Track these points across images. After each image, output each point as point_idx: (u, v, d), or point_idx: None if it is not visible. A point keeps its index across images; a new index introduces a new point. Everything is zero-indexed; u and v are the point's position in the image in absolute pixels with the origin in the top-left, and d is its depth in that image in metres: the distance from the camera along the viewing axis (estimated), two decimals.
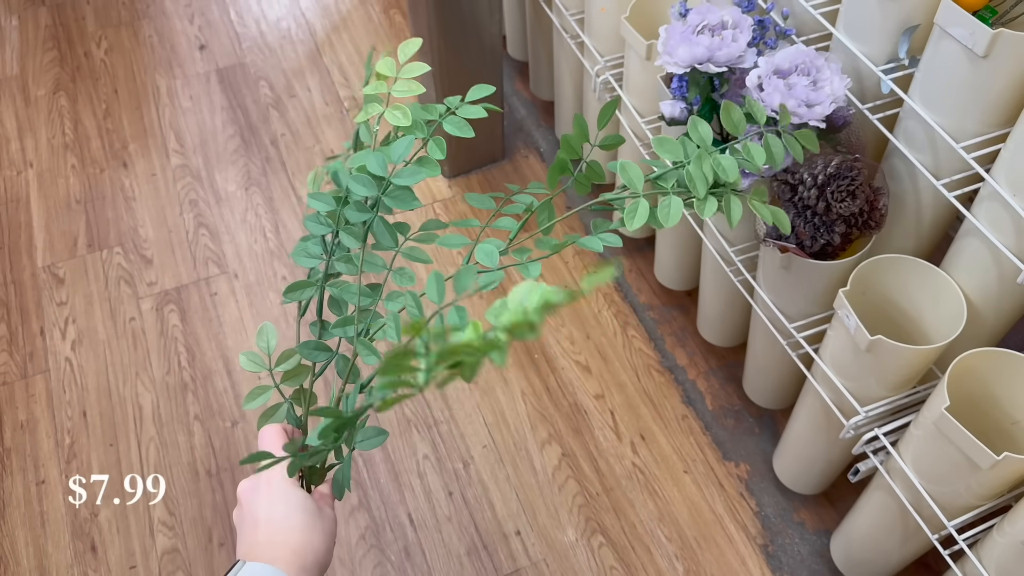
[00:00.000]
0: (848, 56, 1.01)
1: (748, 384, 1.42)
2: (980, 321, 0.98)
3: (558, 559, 1.31)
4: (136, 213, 1.77)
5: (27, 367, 1.53)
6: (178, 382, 1.51)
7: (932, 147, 0.94)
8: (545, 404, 1.47)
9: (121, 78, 2.05)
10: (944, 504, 0.96)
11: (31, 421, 1.46)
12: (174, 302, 1.62)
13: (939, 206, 1.00)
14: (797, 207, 0.99)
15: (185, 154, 1.88)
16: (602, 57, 1.40)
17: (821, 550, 1.30)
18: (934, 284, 0.99)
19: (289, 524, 0.63)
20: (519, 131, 1.92)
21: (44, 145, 1.90)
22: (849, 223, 0.97)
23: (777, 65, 0.95)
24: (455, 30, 1.58)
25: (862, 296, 1.02)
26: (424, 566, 1.30)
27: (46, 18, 2.21)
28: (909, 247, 1.06)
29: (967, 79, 0.86)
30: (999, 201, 0.87)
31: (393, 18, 2.19)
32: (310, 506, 0.65)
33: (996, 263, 0.92)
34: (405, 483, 1.39)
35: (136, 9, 2.24)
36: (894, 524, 1.08)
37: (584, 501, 1.36)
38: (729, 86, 1.04)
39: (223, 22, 2.20)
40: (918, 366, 0.98)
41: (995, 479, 0.89)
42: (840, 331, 1.00)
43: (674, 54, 0.99)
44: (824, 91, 0.93)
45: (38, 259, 1.69)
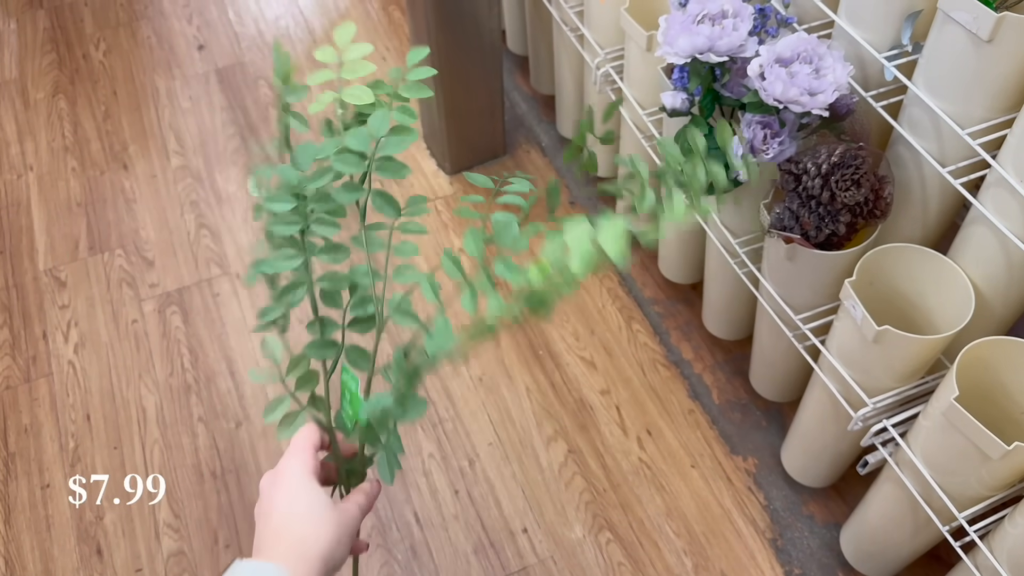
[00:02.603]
0: (851, 43, 1.00)
1: (755, 377, 1.41)
2: (988, 310, 0.97)
3: (565, 556, 1.30)
4: (137, 215, 1.77)
5: (30, 371, 1.53)
6: (181, 384, 1.50)
7: (937, 134, 0.93)
8: (550, 400, 1.47)
9: (120, 80, 2.05)
10: (954, 495, 0.95)
11: (35, 425, 1.46)
12: (176, 303, 1.62)
13: (945, 194, 0.99)
14: (801, 197, 0.97)
15: (185, 155, 1.88)
16: (602, 49, 1.39)
17: (831, 543, 1.29)
18: (941, 273, 0.98)
19: (297, 515, 0.62)
20: (520, 126, 1.90)
21: (44, 148, 1.90)
22: (854, 212, 0.96)
23: (779, 54, 0.93)
24: (454, 26, 1.57)
25: (869, 286, 1.01)
26: (431, 565, 1.30)
27: (44, 21, 2.21)
28: (915, 236, 1.05)
29: (972, 64, 0.85)
30: (1006, 187, 0.86)
31: (392, 14, 2.18)
32: (322, 499, 0.64)
33: (1004, 251, 0.91)
34: (411, 482, 1.38)
35: (134, 10, 2.23)
36: (904, 516, 1.07)
37: (591, 497, 1.35)
38: (731, 76, 1.03)
39: (221, 22, 2.19)
40: (926, 356, 0.97)
41: (1006, 469, 0.88)
42: (847, 322, 0.99)
43: (674, 44, 0.98)
44: (827, 79, 0.92)
45: (39, 263, 1.69)
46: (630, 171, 0.65)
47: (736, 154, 1.00)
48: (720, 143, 0.80)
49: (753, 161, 0.97)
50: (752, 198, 1.13)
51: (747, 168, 0.81)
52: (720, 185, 0.67)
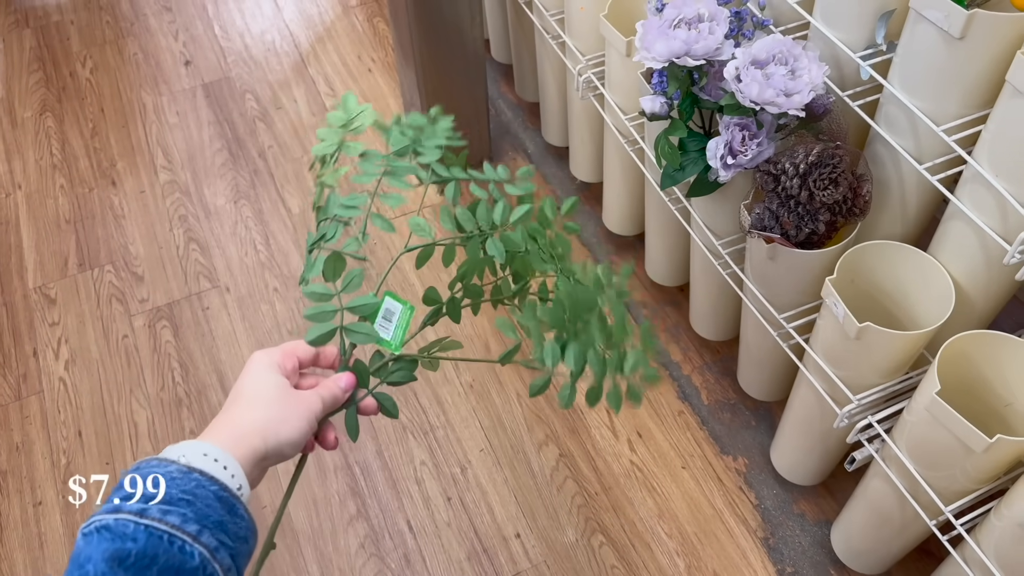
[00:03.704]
0: (826, 44, 1.01)
1: (743, 377, 1.42)
2: (969, 305, 0.98)
3: (559, 560, 1.30)
4: (126, 230, 1.77)
5: (21, 389, 1.53)
6: (173, 398, 1.51)
7: (913, 131, 0.94)
8: (541, 405, 1.47)
9: (107, 97, 2.05)
10: (940, 489, 0.95)
11: (26, 443, 1.46)
12: (166, 318, 1.62)
13: (923, 190, 1.00)
14: (780, 197, 0.98)
15: (173, 170, 1.88)
16: (583, 56, 1.40)
17: (822, 541, 1.29)
18: (921, 269, 0.99)
19: (241, 394, 0.62)
20: (506, 134, 1.91)
21: (32, 166, 1.90)
22: (833, 211, 0.97)
23: (754, 56, 0.94)
24: (437, 36, 1.58)
25: (850, 284, 1.02)
26: (424, 573, 1.30)
27: (31, 40, 2.21)
28: (895, 233, 1.06)
29: (945, 62, 0.86)
30: (982, 183, 0.86)
31: (377, 26, 2.20)
32: (272, 381, 0.63)
33: (982, 245, 0.91)
34: (403, 490, 1.38)
35: (120, 27, 2.24)
36: (892, 512, 1.07)
37: (583, 501, 1.36)
38: (708, 79, 1.04)
39: (207, 37, 2.20)
40: (908, 352, 0.97)
41: (990, 462, 0.89)
42: (829, 320, 0.99)
43: (651, 49, 0.99)
44: (802, 79, 0.93)
45: (29, 280, 1.69)
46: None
47: (714, 156, 1.01)
48: None
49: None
50: (732, 199, 1.13)
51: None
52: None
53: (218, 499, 0.54)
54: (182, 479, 0.53)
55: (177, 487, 0.53)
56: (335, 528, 1.35)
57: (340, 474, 1.40)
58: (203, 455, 0.56)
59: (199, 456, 0.56)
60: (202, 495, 0.53)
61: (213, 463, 0.56)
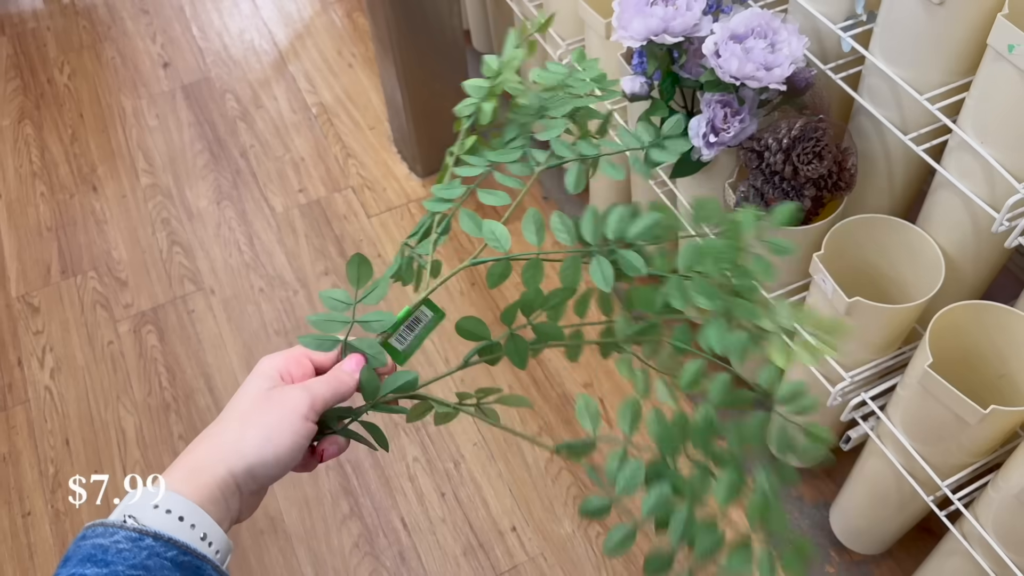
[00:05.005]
0: (806, 16, 0.99)
1: None
2: (960, 275, 0.96)
3: (556, 552, 1.28)
4: (108, 236, 1.75)
5: (6, 399, 1.51)
6: (160, 403, 1.49)
7: (897, 102, 0.93)
8: (533, 396, 1.45)
9: (86, 102, 2.03)
10: (936, 464, 0.94)
11: (13, 453, 1.44)
12: (151, 323, 1.60)
13: (909, 161, 0.98)
14: (765, 174, 0.97)
15: (155, 173, 1.86)
16: (563, 41, 1.38)
17: (821, 522, 1.28)
18: (910, 241, 0.98)
19: (221, 415, 0.53)
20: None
21: (12, 175, 1.88)
22: (818, 185, 0.96)
23: (733, 30, 0.93)
24: (416, 28, 1.56)
25: (839, 260, 1.00)
26: (420, 570, 1.28)
27: (7, 47, 2.19)
28: (883, 206, 1.04)
29: (926, 29, 0.85)
30: (968, 151, 0.85)
31: (356, 21, 2.17)
32: (257, 391, 0.54)
33: (970, 214, 0.90)
34: (396, 487, 1.37)
35: (97, 32, 2.21)
36: (889, 489, 1.06)
37: (579, 492, 1.34)
38: (688, 56, 1.02)
39: (185, 38, 2.18)
40: (899, 326, 0.96)
41: (985, 434, 0.88)
42: (818, 296, 0.98)
43: (628, 28, 0.97)
44: (782, 53, 0.92)
45: (11, 289, 1.67)
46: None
47: (697, 135, 0.99)
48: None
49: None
50: (716, 178, 1.12)
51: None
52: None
53: (177, 566, 0.46)
54: (130, 550, 0.45)
55: (125, 563, 0.44)
56: (328, 528, 1.33)
57: (332, 473, 1.38)
58: (154, 508, 0.47)
59: (149, 512, 0.46)
60: (156, 567, 0.45)
61: (166, 516, 0.47)
